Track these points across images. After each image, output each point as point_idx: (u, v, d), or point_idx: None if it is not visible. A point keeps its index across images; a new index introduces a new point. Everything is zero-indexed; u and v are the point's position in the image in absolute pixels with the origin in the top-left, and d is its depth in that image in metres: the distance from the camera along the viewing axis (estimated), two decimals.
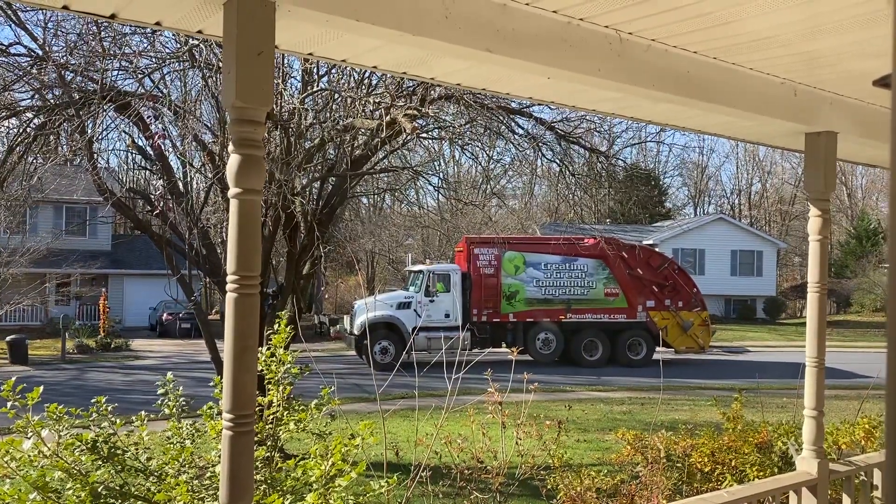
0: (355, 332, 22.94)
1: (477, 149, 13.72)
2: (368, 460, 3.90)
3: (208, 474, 3.88)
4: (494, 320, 23.63)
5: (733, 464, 5.37)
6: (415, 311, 22.98)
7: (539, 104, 9.33)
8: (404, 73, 3.08)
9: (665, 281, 24.70)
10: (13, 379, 3.52)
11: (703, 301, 25.46)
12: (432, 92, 9.75)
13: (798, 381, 4.12)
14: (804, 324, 3.98)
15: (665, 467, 5.06)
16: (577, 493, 4.65)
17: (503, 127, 11.49)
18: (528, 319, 23.87)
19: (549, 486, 4.93)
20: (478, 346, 22.18)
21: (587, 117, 11.52)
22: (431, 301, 23.19)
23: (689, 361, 24.91)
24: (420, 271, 24.38)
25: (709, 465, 5.45)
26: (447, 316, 23.06)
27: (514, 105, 10.70)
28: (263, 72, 2.11)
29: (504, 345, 23.69)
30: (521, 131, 11.78)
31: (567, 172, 11.95)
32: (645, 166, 54.23)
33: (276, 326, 4.55)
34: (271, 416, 4.17)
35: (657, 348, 24.00)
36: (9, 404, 3.53)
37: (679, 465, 5.26)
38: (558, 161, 11.91)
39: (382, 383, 4.93)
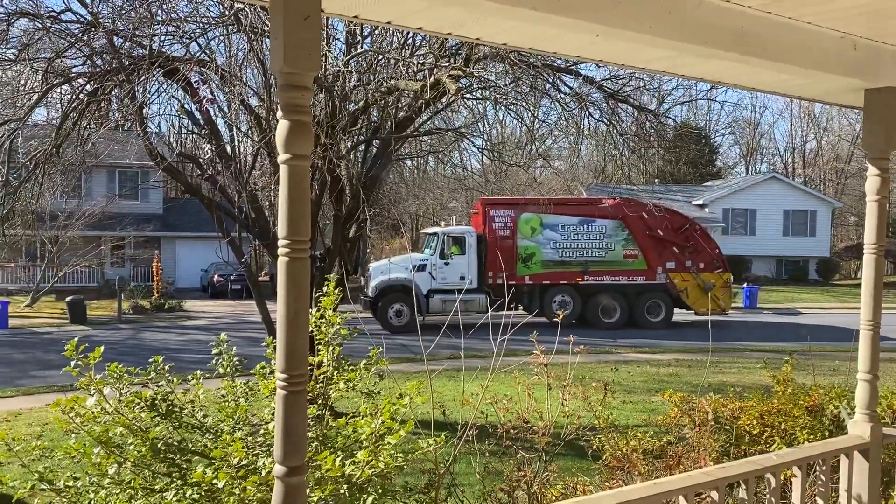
0: (370, 294, 22.96)
1: (522, 109, 13.53)
2: (416, 419, 3.97)
3: (262, 431, 4.00)
4: (510, 283, 23.39)
5: (783, 427, 5.32)
6: (430, 273, 22.89)
7: (587, 63, 9.15)
8: (449, 33, 3.05)
9: (686, 242, 24.24)
10: (76, 339, 3.67)
11: (726, 262, 25.07)
12: (477, 51, 9.63)
13: (852, 343, 4.04)
14: (859, 285, 3.89)
15: (712, 430, 5.04)
16: (623, 454, 4.67)
17: (549, 86, 11.30)
18: (544, 282, 23.55)
19: (594, 447, 4.96)
20: (493, 309, 22.08)
21: (636, 75, 11.26)
22: (446, 264, 23.01)
23: (736, 324, 24.59)
24: (435, 234, 24.13)
25: (757, 427, 5.41)
26: (462, 279, 22.80)
27: (560, 63, 10.51)
28: (310, 37, 2.11)
29: (521, 307, 23.59)
30: (567, 90, 11.58)
31: (615, 132, 11.73)
32: (695, 125, 52.91)
33: (324, 289, 4.62)
34: (322, 376, 4.26)
35: (676, 310, 23.79)
36: (72, 363, 3.68)
37: (727, 427, 5.23)
38: (606, 120, 11.69)
39: (429, 344, 5.00)
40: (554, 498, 4.38)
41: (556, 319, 5.23)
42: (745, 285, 32.12)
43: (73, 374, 3.70)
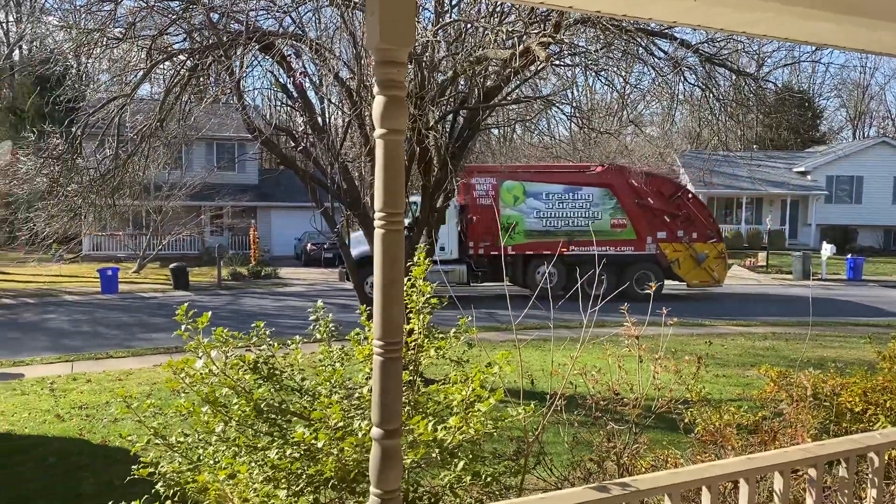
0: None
1: (613, 74, 13.18)
2: (504, 387, 4.03)
3: (356, 395, 4.16)
4: (492, 253, 22.53)
5: (888, 405, 5.09)
6: None
7: (684, 27, 8.83)
8: (542, 2, 3.02)
9: (678, 211, 23.12)
10: (185, 304, 3.91)
11: (720, 232, 23.95)
12: (567, 17, 9.44)
13: None
14: None
15: (811, 406, 4.89)
16: (715, 428, 4.59)
17: (642, 50, 10.97)
18: (527, 252, 22.68)
19: (686, 420, 4.90)
20: (475, 281, 21.47)
21: (734, 37, 10.78)
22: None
23: (835, 298, 23.49)
24: (414, 203, 23.62)
25: (860, 405, 5.20)
26: (442, 249, 21.97)
27: (654, 27, 10.18)
28: (406, 12, 2.14)
29: (509, 279, 22.93)
30: (661, 54, 11.20)
31: (711, 97, 11.30)
32: (798, 88, 50.24)
33: (414, 258, 4.71)
34: (413, 344, 4.37)
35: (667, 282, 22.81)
36: (183, 327, 3.92)
37: (826, 404, 5.05)
38: (702, 85, 11.27)
39: (519, 314, 5.04)
40: (643, 470, 4.36)
41: (647, 291, 5.16)
42: (848, 256, 30.57)
43: (183, 337, 3.94)
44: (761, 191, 39.60)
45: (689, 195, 24.12)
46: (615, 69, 12.64)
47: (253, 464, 3.74)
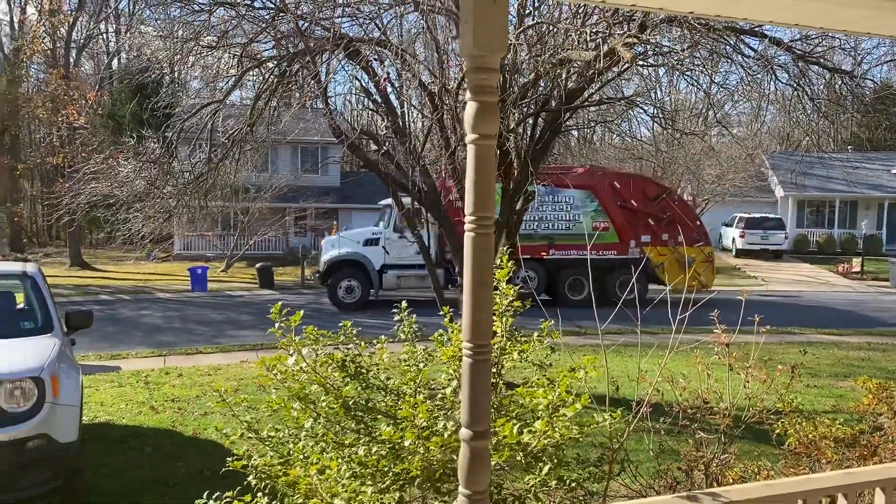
0: (321, 269, 22.29)
1: (699, 73, 12.83)
2: (589, 393, 4.00)
3: (439, 395, 4.21)
4: None
5: None
6: (383, 248, 21.68)
7: (778, 26, 8.53)
8: (633, 4, 2.99)
9: (662, 213, 21.99)
10: (279, 303, 4.05)
11: (707, 236, 22.78)
12: (653, 17, 9.26)
13: None
14: None
15: None
16: (810, 440, 4.42)
17: (730, 49, 10.64)
18: None
19: (777, 431, 4.74)
20: (451, 285, 20.86)
21: (830, 34, 10.34)
22: (401, 237, 21.50)
23: None
24: (388, 205, 22.43)
25: None
26: (418, 253, 21.70)
27: (744, 25, 9.87)
28: (499, 18, 2.17)
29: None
30: (750, 52, 10.84)
31: (804, 96, 10.86)
32: None
33: (497, 261, 4.73)
34: (496, 346, 4.39)
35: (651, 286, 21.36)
36: (276, 325, 4.06)
37: None
38: (794, 84, 10.84)
39: (603, 320, 4.99)
40: (733, 481, 4.25)
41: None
42: None
43: (276, 335, 4.08)
44: (856, 193, 37.78)
45: (675, 197, 23.21)
46: (701, 68, 12.32)
47: (340, 460, 3.84)
